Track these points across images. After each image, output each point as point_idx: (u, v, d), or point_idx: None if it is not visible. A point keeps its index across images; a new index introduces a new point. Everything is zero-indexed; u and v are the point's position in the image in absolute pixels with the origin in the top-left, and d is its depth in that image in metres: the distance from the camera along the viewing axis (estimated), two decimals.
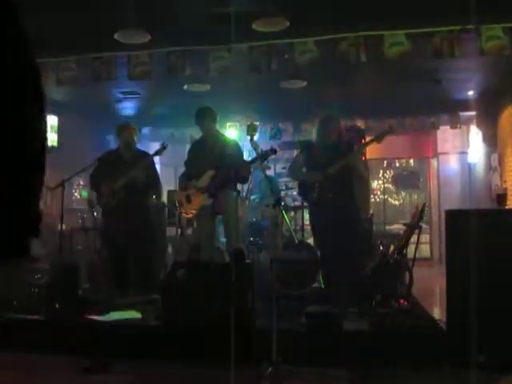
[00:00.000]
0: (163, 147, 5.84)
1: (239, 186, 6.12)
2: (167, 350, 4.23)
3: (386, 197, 13.06)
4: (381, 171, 13.08)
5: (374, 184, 13.00)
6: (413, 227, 5.61)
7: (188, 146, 6.13)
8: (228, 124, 9.89)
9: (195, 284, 4.41)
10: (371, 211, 8.37)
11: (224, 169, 5.30)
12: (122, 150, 6.07)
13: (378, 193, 13.15)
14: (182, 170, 5.88)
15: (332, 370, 3.83)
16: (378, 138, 5.31)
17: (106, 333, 4.49)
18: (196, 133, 5.83)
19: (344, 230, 5.19)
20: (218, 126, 5.81)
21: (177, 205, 5.82)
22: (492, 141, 9.32)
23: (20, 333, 4.61)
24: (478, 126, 10.16)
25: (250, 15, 5.30)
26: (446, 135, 11.41)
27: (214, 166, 5.36)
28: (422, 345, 4.01)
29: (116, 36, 5.60)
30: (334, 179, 5.21)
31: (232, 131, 9.87)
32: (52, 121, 9.63)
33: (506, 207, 5.64)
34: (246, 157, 5.71)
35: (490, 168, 9.43)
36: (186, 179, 5.61)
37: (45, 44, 6.00)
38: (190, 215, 5.54)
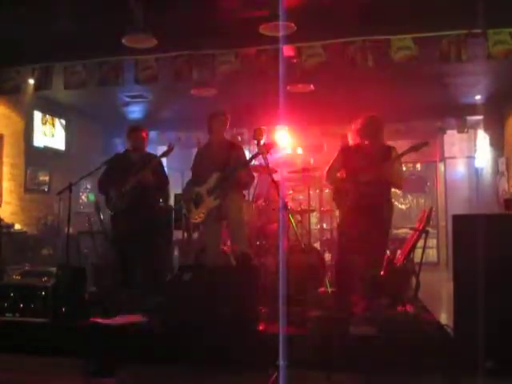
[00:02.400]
0: (170, 148, 5.85)
1: (245, 190, 6.12)
2: (173, 353, 4.23)
3: (392, 201, 13.04)
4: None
5: None
6: (420, 231, 5.59)
7: (195, 150, 6.13)
8: (234, 129, 9.89)
9: (201, 287, 4.41)
10: None
11: (229, 172, 5.32)
12: (130, 152, 6.11)
13: None
14: (189, 173, 5.88)
15: (338, 375, 3.82)
16: (415, 149, 5.22)
17: (112, 336, 4.49)
18: (203, 137, 5.84)
19: (370, 238, 5.04)
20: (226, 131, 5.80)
21: (184, 212, 5.83)
22: (499, 145, 9.29)
23: (26, 335, 4.63)
24: (486, 130, 10.13)
25: (257, 19, 5.31)
26: (453, 139, 11.36)
27: (219, 168, 5.38)
28: (429, 350, 3.99)
29: (123, 40, 5.63)
30: (365, 187, 5.06)
31: (238, 136, 9.86)
32: (59, 124, 9.69)
33: None
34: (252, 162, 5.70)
35: (497, 172, 9.39)
36: (193, 185, 5.61)
37: (53, 48, 6.06)
38: (199, 219, 5.54)
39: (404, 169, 12.93)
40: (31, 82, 6.60)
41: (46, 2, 5.27)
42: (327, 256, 7.48)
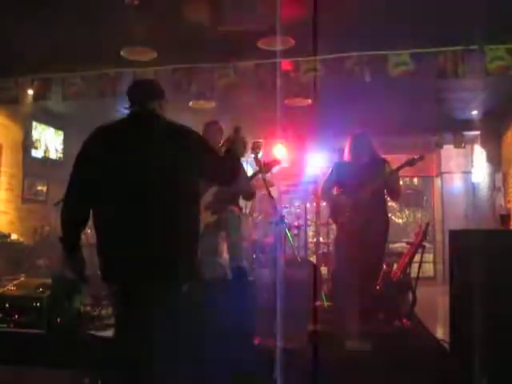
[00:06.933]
0: None
1: (243, 203, 6.10)
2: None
3: (389, 215, 13.06)
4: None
5: None
6: (416, 246, 5.60)
7: None
8: None
9: (197, 300, 4.39)
10: None
11: (229, 192, 5.27)
12: None
13: None
14: None
15: None
16: (411, 164, 5.22)
17: (107, 348, 4.46)
18: None
19: (367, 253, 5.02)
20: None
21: None
22: (496, 160, 9.33)
23: (20, 347, 4.60)
24: (482, 145, 10.17)
25: (255, 33, 5.34)
26: (449, 154, 11.40)
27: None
28: (425, 365, 3.98)
29: (122, 53, 5.65)
30: (364, 203, 5.06)
31: None
32: (57, 135, 9.70)
33: (510, 228, 5.62)
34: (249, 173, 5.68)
35: (493, 188, 9.42)
36: None
37: (52, 59, 6.08)
38: None
39: (401, 183, 12.99)
40: (30, 92, 6.62)
41: (45, 13, 5.29)
42: (323, 269, 7.47)
